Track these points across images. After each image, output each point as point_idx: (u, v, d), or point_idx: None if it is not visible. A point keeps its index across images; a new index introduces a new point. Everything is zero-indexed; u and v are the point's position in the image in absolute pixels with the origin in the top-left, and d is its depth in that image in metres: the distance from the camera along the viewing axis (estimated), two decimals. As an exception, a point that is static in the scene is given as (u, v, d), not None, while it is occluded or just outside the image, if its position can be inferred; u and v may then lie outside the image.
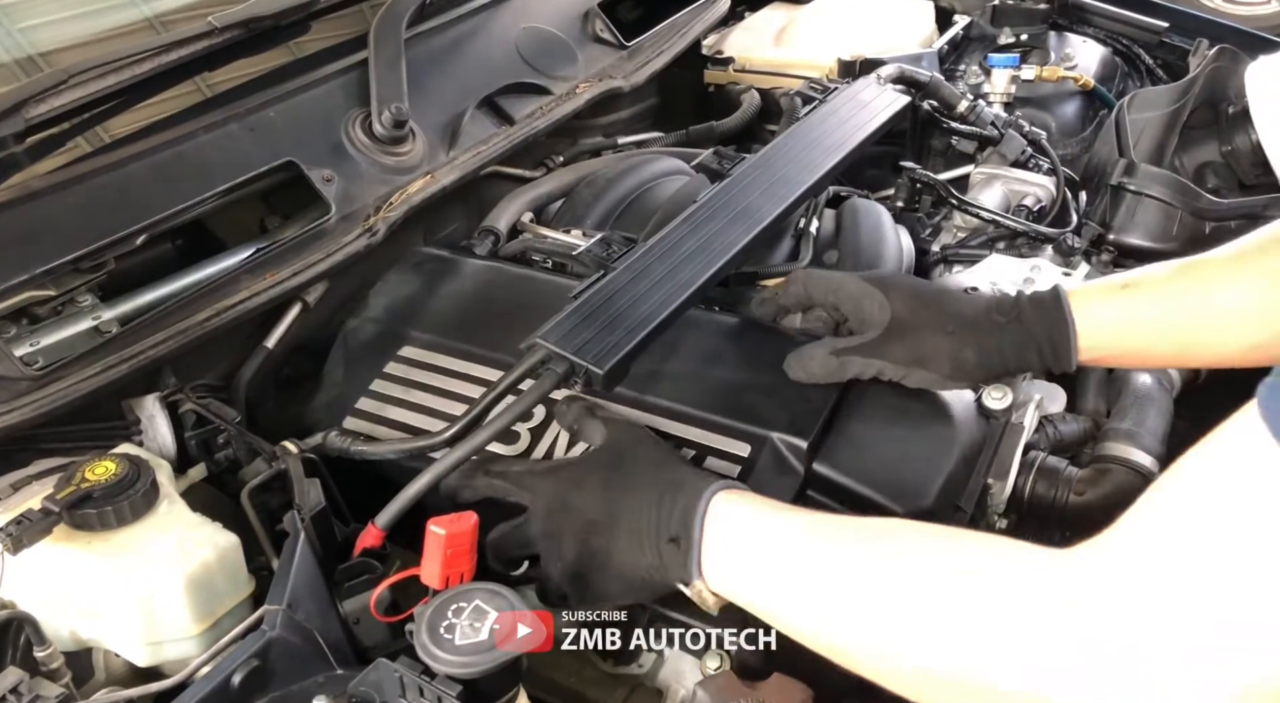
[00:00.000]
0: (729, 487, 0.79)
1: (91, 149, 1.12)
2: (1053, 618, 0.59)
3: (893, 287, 0.94)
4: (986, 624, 0.61)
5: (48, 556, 0.79)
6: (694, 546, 0.75)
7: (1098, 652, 0.56)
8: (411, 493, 0.86)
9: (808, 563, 0.72)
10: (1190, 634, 0.53)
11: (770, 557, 0.74)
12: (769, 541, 0.74)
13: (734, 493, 0.78)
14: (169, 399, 0.99)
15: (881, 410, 0.96)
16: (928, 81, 1.54)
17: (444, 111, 1.34)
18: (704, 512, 0.76)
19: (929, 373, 0.91)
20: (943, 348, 0.91)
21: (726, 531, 0.75)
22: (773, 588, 0.73)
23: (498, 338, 1.06)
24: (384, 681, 0.70)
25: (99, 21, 1.32)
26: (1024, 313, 0.91)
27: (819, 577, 0.71)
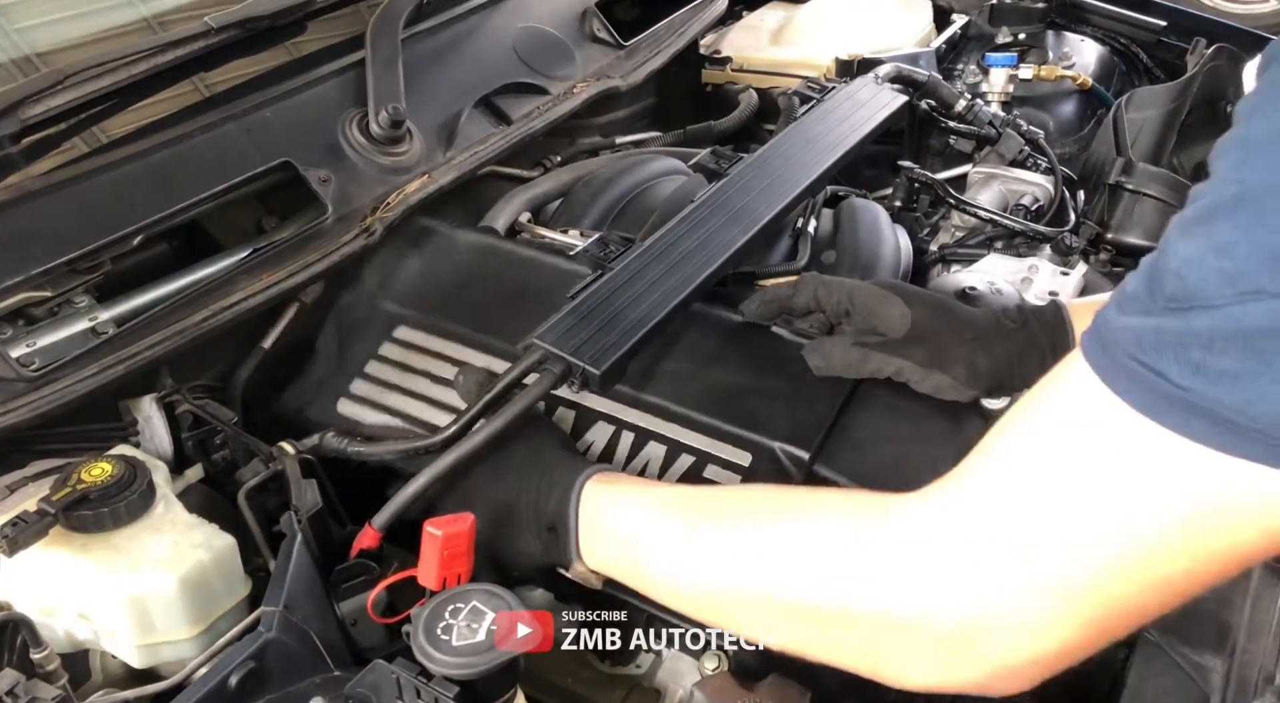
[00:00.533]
0: (599, 470, 0.83)
1: (88, 149, 1.12)
2: (893, 541, 0.63)
3: (910, 295, 0.96)
4: (834, 554, 0.66)
5: (44, 557, 0.79)
6: (570, 532, 0.80)
7: (936, 568, 0.60)
8: (408, 494, 0.86)
9: (664, 535, 0.76)
10: (1016, 553, 0.57)
11: (634, 534, 0.78)
12: (632, 518, 0.78)
13: (604, 477, 0.83)
14: (166, 400, 0.99)
15: (881, 412, 0.96)
16: (925, 81, 1.54)
17: (441, 112, 1.34)
18: (576, 499, 0.81)
19: (946, 376, 0.93)
20: (960, 354, 0.92)
21: (596, 514, 0.80)
22: (639, 564, 0.78)
23: (494, 321, 1.06)
24: (381, 682, 0.70)
25: (96, 22, 1.31)
26: (1029, 321, 0.94)
27: (674, 545, 0.75)
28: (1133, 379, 0.52)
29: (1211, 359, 0.49)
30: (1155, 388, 0.51)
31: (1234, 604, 0.91)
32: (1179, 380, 0.50)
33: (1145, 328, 0.52)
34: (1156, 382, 0.51)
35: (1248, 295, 0.47)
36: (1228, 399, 0.48)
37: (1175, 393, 0.50)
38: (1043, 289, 1.23)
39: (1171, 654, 0.87)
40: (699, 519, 0.75)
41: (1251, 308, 0.47)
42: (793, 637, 0.70)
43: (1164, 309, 0.51)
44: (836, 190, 1.42)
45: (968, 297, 1.15)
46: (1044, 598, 0.57)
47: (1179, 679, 0.86)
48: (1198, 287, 0.49)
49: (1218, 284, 0.48)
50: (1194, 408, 0.50)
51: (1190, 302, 0.50)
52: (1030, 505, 0.57)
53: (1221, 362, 0.48)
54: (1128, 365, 0.52)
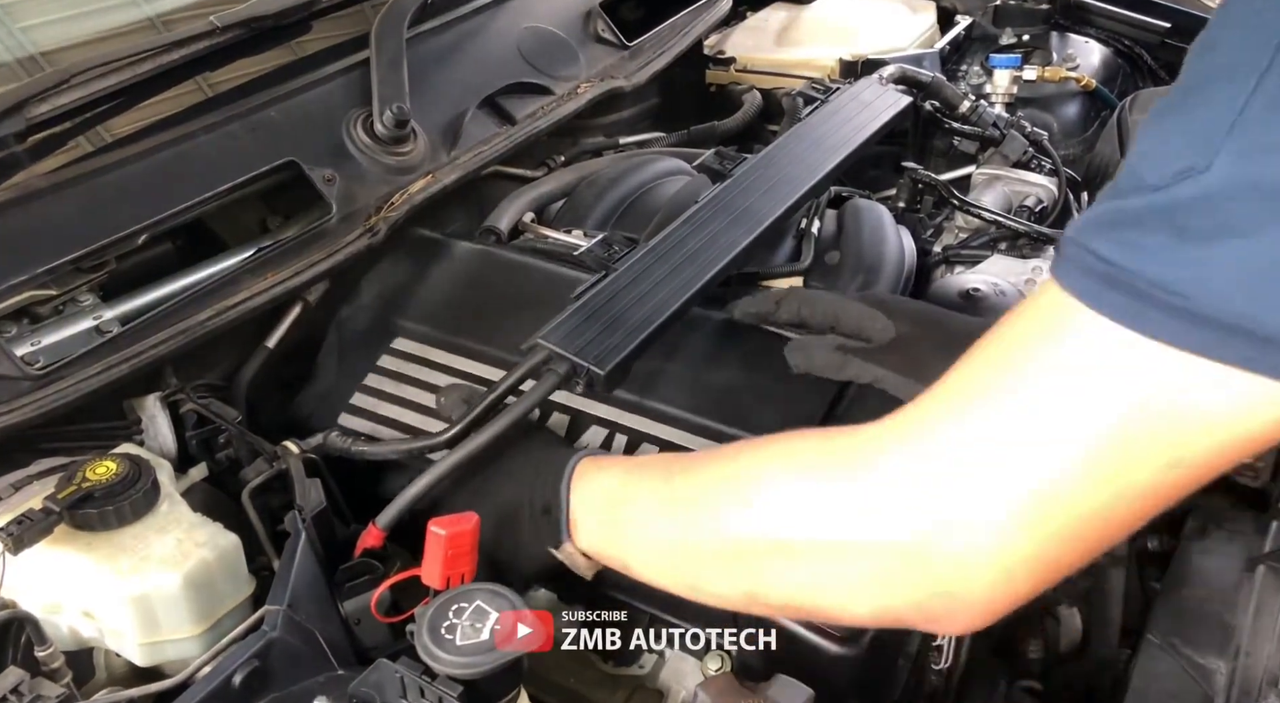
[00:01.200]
0: (592, 453, 0.84)
1: (93, 148, 1.12)
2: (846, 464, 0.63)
3: (895, 308, 0.95)
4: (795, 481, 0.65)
5: (48, 555, 0.79)
6: (562, 509, 0.80)
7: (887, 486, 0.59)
8: (412, 494, 0.86)
9: (640, 488, 0.77)
10: (953, 455, 0.57)
11: (612, 492, 0.79)
12: (611, 479, 0.80)
13: (597, 459, 0.83)
14: (170, 399, 0.99)
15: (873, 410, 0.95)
16: (929, 82, 1.54)
17: (445, 111, 1.34)
18: (569, 477, 0.81)
19: (924, 386, 0.92)
20: (943, 365, 0.91)
21: (582, 485, 0.81)
22: (617, 523, 0.78)
23: (493, 331, 1.06)
24: (385, 681, 0.70)
25: (100, 21, 1.31)
26: None
27: (649, 496, 0.76)
28: (1073, 263, 0.52)
29: (1139, 237, 0.49)
30: (1087, 266, 0.51)
31: (1237, 607, 0.91)
32: (1106, 255, 0.50)
33: (1093, 215, 0.53)
34: (1090, 260, 0.51)
35: (1180, 174, 0.48)
36: (1147, 270, 0.48)
37: (1101, 268, 0.50)
38: (1046, 290, 1.23)
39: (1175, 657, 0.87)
40: (673, 470, 0.76)
41: (1181, 186, 0.48)
42: (760, 587, 0.69)
43: (1110, 197, 0.52)
44: (840, 191, 1.42)
45: (971, 297, 1.15)
46: (998, 513, 0.55)
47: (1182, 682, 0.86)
48: (1144, 173, 0.50)
49: (1158, 169, 0.49)
50: (1117, 283, 0.50)
51: (1137, 186, 0.50)
52: (983, 408, 0.56)
53: (1147, 239, 0.49)
54: (1071, 251, 0.52)
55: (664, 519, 0.74)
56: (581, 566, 0.81)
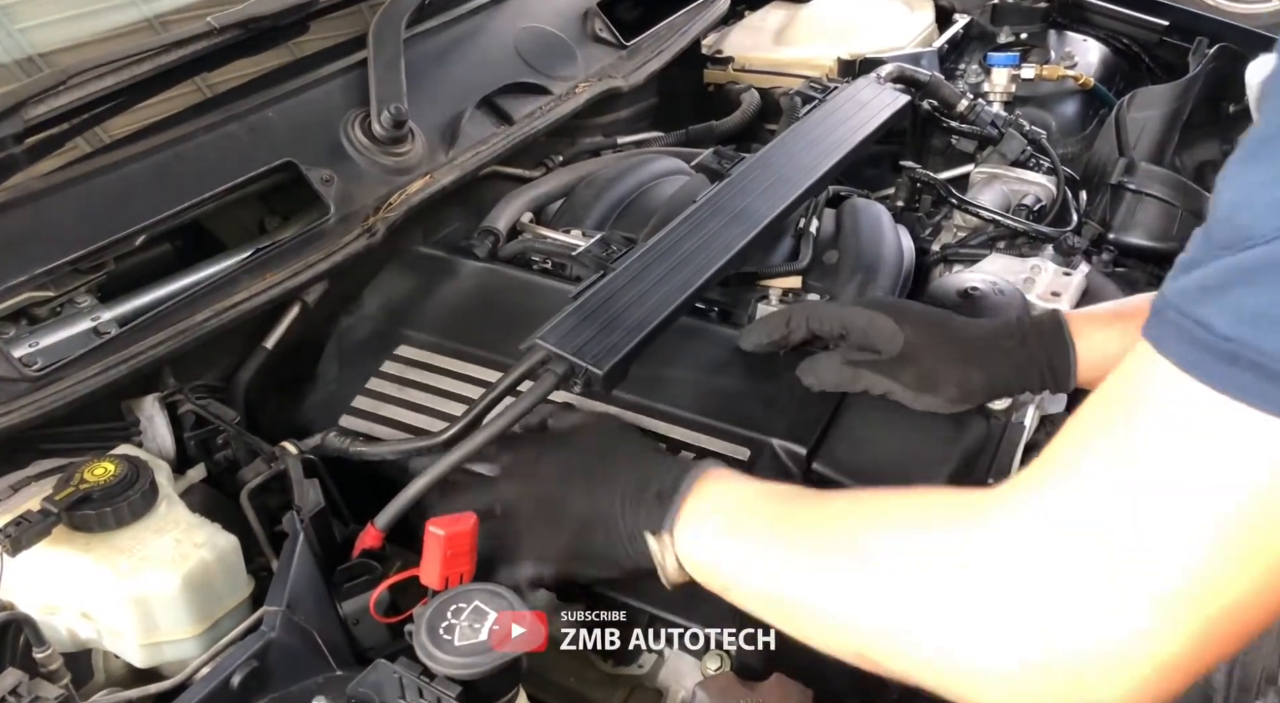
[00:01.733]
0: (718, 465, 0.80)
1: (91, 150, 1.12)
2: (972, 566, 0.57)
3: (903, 314, 0.95)
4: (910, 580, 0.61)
5: (47, 557, 0.79)
6: (677, 499, 0.76)
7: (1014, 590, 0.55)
8: (411, 494, 0.86)
9: (761, 538, 0.72)
10: (1096, 555, 0.52)
11: (735, 512, 0.74)
12: (735, 513, 0.74)
13: (723, 470, 0.79)
14: (168, 400, 0.99)
15: (881, 410, 0.96)
16: (928, 81, 1.54)
17: (443, 112, 1.34)
18: (696, 475, 0.78)
19: (936, 398, 0.93)
20: (953, 374, 0.92)
21: (707, 495, 0.76)
22: (728, 560, 0.74)
23: (493, 339, 1.06)
24: (383, 682, 0.70)
25: (98, 22, 1.31)
26: (1028, 337, 0.93)
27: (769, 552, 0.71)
28: (1180, 335, 0.48)
29: (1254, 299, 0.45)
30: (1199, 341, 0.47)
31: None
32: (1221, 330, 0.46)
33: (1192, 281, 0.48)
34: (1200, 334, 0.47)
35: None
36: (1271, 345, 0.44)
37: (1219, 344, 0.46)
38: (1045, 289, 1.23)
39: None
40: (795, 518, 0.72)
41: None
42: (872, 657, 0.65)
43: (1213, 257, 0.47)
44: (839, 190, 1.42)
45: (970, 296, 1.15)
46: (1141, 615, 0.51)
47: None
48: (1248, 225, 0.45)
49: (1268, 218, 0.44)
50: (1239, 359, 0.45)
51: (1240, 242, 0.45)
52: (1109, 510, 0.51)
53: (1263, 302, 0.44)
54: (1176, 322, 0.48)
55: (778, 563, 0.70)
56: (670, 568, 0.76)
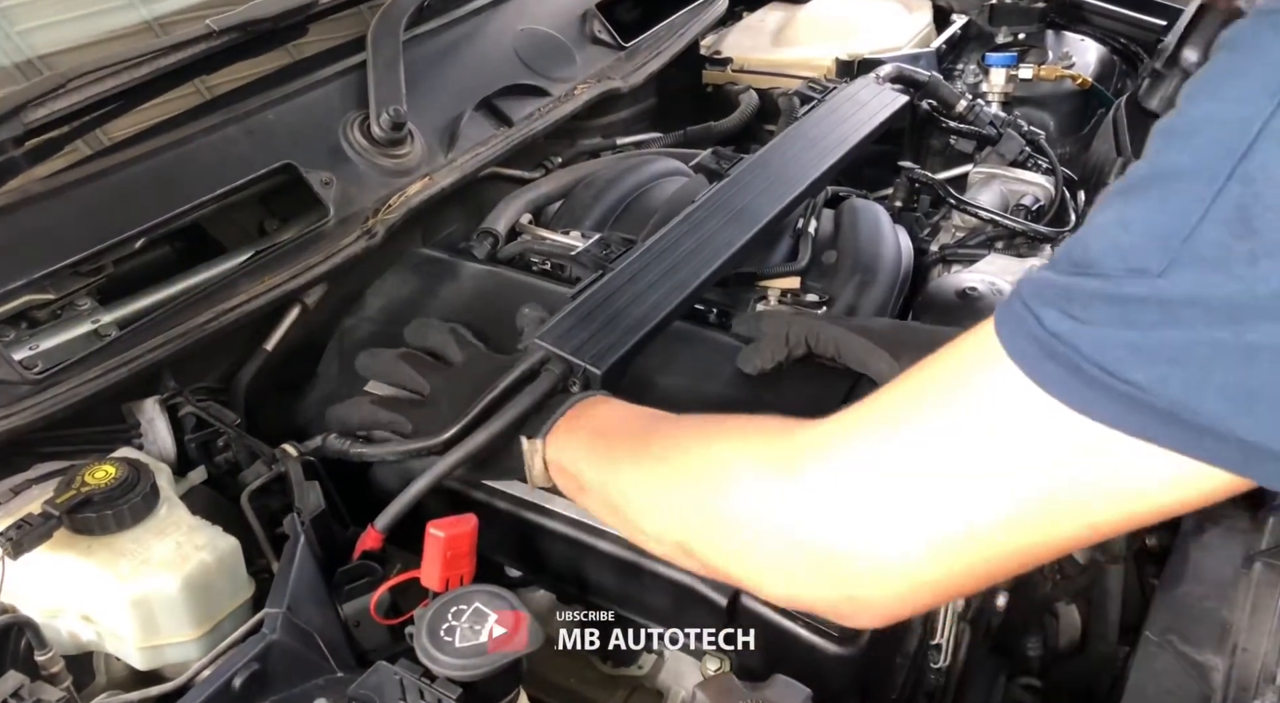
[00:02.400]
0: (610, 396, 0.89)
1: (91, 152, 1.12)
2: (792, 464, 0.66)
3: (897, 344, 0.96)
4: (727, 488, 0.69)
5: (48, 560, 0.79)
6: (556, 413, 0.85)
7: (816, 512, 0.63)
8: (411, 495, 0.86)
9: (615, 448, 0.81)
10: (887, 485, 0.60)
11: (599, 435, 0.83)
12: (605, 423, 0.84)
13: (611, 399, 0.88)
14: (169, 402, 0.99)
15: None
16: (926, 81, 1.54)
17: (442, 113, 1.34)
18: (580, 397, 0.87)
19: None
20: None
21: (585, 414, 0.86)
22: (585, 462, 0.82)
23: (494, 341, 1.06)
24: (384, 683, 0.70)
25: (98, 24, 1.31)
26: None
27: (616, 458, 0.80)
28: (1016, 324, 0.53)
29: (1085, 314, 0.50)
30: (1030, 331, 0.52)
31: (1235, 603, 0.91)
32: (1050, 326, 0.51)
33: (1043, 280, 0.53)
34: (1033, 326, 0.52)
35: (1135, 272, 0.49)
36: (1086, 346, 0.50)
37: (1044, 337, 0.51)
38: (1043, 289, 1.23)
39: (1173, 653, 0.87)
40: (658, 423, 0.81)
41: (1134, 283, 0.49)
42: (688, 532, 0.73)
43: (1064, 269, 0.53)
44: (837, 190, 1.42)
45: (968, 297, 1.16)
46: (911, 542, 0.59)
47: (1180, 679, 0.86)
48: (1097, 255, 0.51)
49: (1113, 257, 0.50)
50: (1056, 355, 0.51)
51: (1087, 267, 0.51)
52: (906, 448, 0.59)
53: (1091, 316, 0.50)
54: (1017, 311, 0.54)
55: (629, 457, 0.78)
56: (536, 472, 0.85)
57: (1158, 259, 0.48)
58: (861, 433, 0.63)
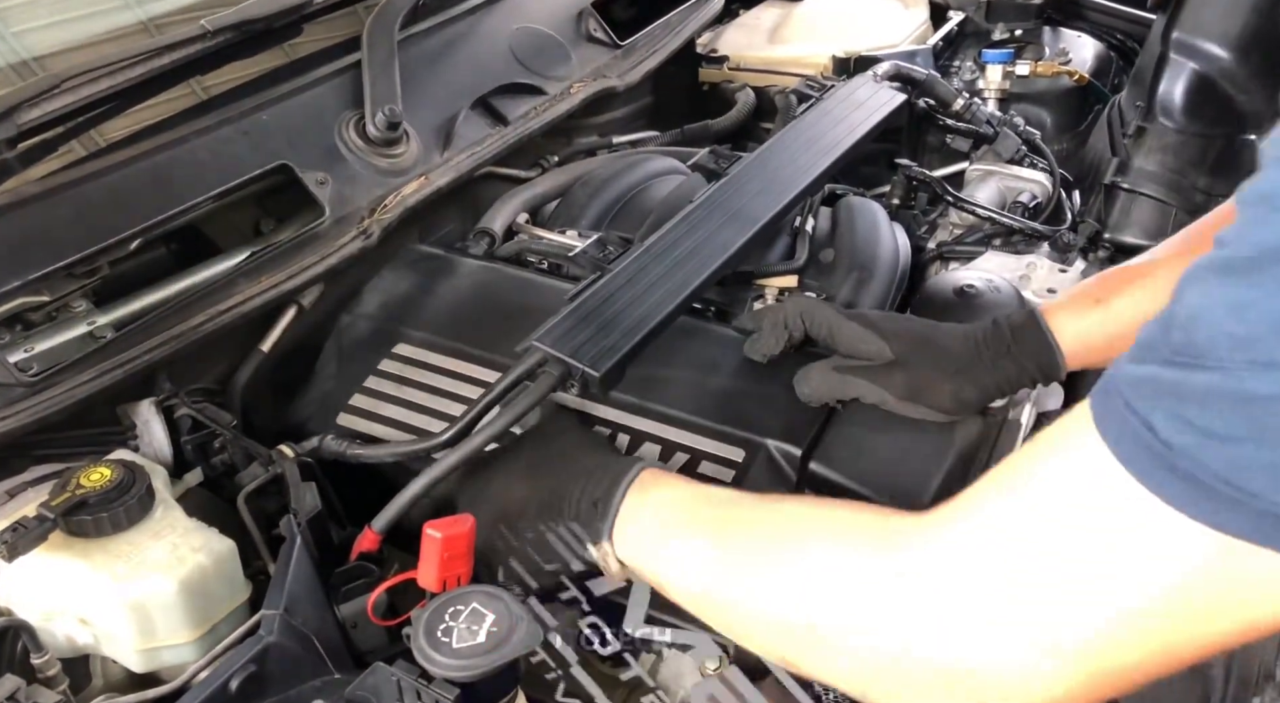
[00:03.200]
0: (652, 465, 0.83)
1: (86, 153, 1.12)
2: (887, 586, 0.62)
3: (890, 332, 0.95)
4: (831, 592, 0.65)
5: (43, 563, 0.79)
6: (612, 508, 0.79)
7: (934, 610, 0.59)
8: (408, 496, 0.86)
9: (692, 529, 0.76)
10: (1000, 599, 0.56)
11: (668, 530, 0.77)
12: (669, 506, 0.78)
13: (659, 472, 0.83)
14: (164, 404, 0.99)
15: (877, 411, 0.96)
16: (923, 79, 1.54)
17: (438, 113, 1.34)
18: (629, 481, 0.80)
19: (930, 409, 0.93)
20: (945, 389, 0.93)
21: (640, 498, 0.80)
22: (660, 554, 0.77)
23: (493, 338, 1.06)
24: (381, 684, 0.70)
25: (93, 25, 1.31)
26: (1011, 346, 0.94)
27: (699, 543, 0.75)
28: (1123, 428, 0.49)
29: (1204, 419, 0.46)
30: (1142, 440, 0.48)
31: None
32: (1165, 436, 0.47)
33: (1145, 375, 0.49)
34: (1144, 434, 0.48)
35: (1258, 365, 0.44)
36: (1213, 463, 0.46)
37: (1160, 449, 0.47)
38: (1041, 286, 1.23)
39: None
40: (730, 513, 0.76)
41: (1260, 376, 0.44)
42: (790, 654, 0.69)
43: (1167, 360, 0.48)
44: (834, 188, 1.42)
45: (965, 294, 1.16)
46: (1035, 656, 0.55)
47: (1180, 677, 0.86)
48: (1205, 344, 0.46)
49: (1227, 346, 0.45)
50: (1176, 469, 0.47)
51: (1195, 358, 0.46)
52: (1020, 562, 0.55)
53: (1213, 423, 0.46)
54: (1121, 412, 0.49)
55: (710, 564, 0.73)
56: (614, 571, 0.80)
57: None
58: (972, 543, 0.58)
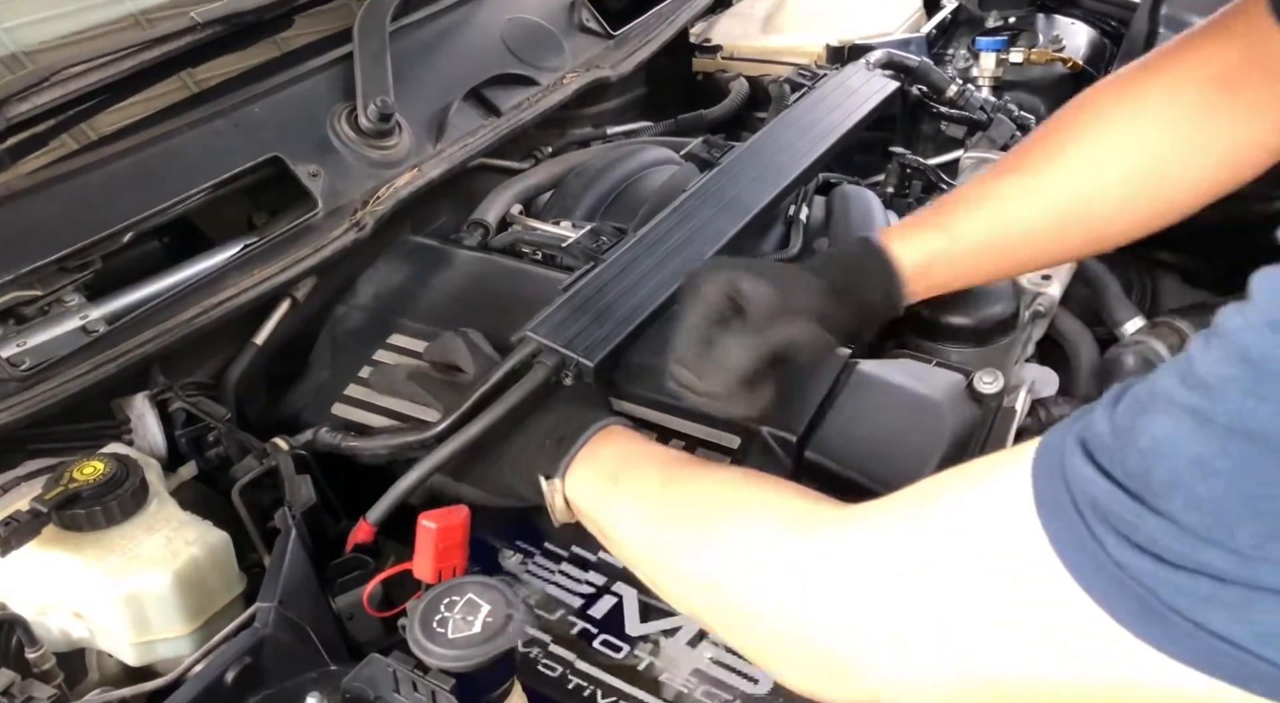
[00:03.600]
0: (624, 422, 0.86)
1: (77, 147, 1.12)
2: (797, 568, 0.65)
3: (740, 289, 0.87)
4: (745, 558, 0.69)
5: (37, 557, 0.79)
6: (573, 449, 0.83)
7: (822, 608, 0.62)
8: (403, 488, 0.86)
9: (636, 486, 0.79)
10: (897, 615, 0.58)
11: (616, 481, 0.80)
12: (622, 467, 0.81)
13: (628, 430, 0.86)
14: (158, 398, 0.99)
15: (873, 396, 0.96)
16: (917, 66, 1.53)
17: (430, 104, 1.33)
18: (597, 429, 0.84)
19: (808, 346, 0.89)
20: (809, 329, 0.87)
21: (600, 451, 0.83)
22: (607, 508, 0.80)
23: (487, 329, 1.06)
24: (377, 676, 0.70)
25: (83, 19, 1.31)
26: (856, 279, 0.90)
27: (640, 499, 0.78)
28: (1070, 529, 0.49)
29: (1158, 548, 0.45)
30: (1087, 548, 0.48)
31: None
32: (1115, 553, 0.47)
33: (1098, 485, 0.48)
34: (1091, 544, 0.48)
35: (1212, 542, 0.44)
36: (1165, 594, 0.45)
37: (1106, 563, 0.47)
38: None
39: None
40: (672, 473, 0.78)
41: (1211, 551, 0.44)
42: (706, 617, 0.74)
43: (1121, 480, 0.47)
44: (829, 177, 1.42)
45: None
46: (912, 663, 0.58)
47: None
48: (1164, 487, 0.45)
49: (1184, 507, 0.45)
50: (1124, 586, 0.46)
51: (1154, 496, 0.46)
52: (915, 581, 0.57)
53: (1166, 557, 0.45)
54: (1068, 512, 0.49)
55: (648, 519, 0.77)
56: (558, 510, 0.83)
57: (1249, 534, 0.43)
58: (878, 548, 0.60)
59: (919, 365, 1.02)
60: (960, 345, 1.11)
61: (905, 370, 0.99)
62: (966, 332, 1.11)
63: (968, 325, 1.11)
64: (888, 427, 0.94)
